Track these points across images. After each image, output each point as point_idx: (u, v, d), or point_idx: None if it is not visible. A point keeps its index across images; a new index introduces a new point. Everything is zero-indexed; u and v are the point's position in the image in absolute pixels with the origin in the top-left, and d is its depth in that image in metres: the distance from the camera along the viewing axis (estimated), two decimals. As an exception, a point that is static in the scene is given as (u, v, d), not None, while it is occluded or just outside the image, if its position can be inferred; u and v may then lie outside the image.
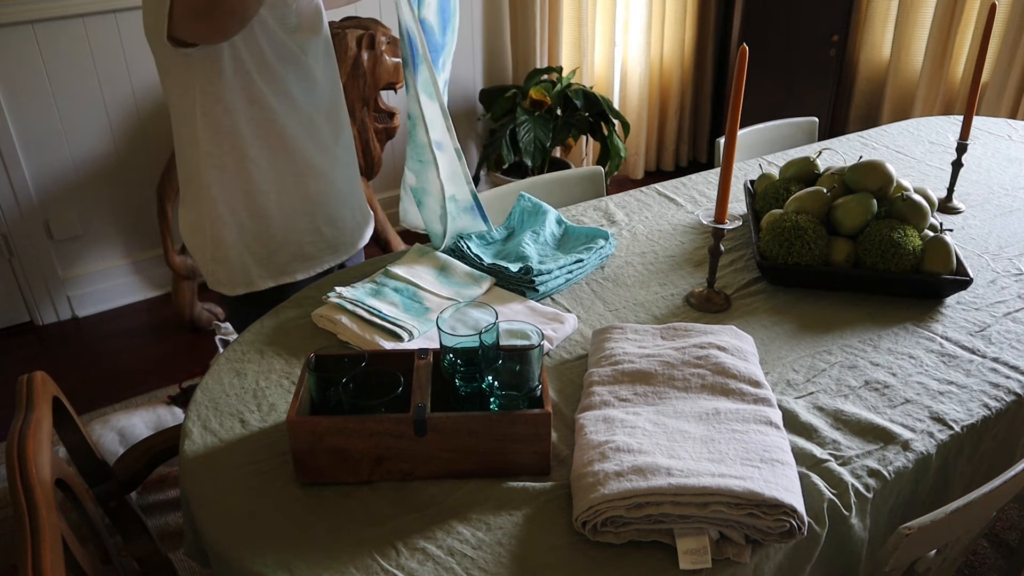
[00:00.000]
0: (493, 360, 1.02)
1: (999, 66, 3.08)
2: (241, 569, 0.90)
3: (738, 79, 1.20)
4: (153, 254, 2.94)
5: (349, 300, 1.31)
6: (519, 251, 1.47)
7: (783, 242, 1.40)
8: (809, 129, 2.30)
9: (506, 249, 1.52)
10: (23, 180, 2.60)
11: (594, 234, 1.53)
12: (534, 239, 1.51)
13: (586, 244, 1.50)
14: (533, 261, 1.43)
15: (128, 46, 2.62)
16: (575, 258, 1.44)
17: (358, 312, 1.28)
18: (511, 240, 1.56)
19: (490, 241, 1.55)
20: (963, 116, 1.64)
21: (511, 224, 1.60)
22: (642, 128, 3.80)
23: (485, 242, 1.54)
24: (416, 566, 0.89)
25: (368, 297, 1.32)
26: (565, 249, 1.52)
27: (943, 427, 1.11)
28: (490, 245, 1.54)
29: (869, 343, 1.28)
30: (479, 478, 1.00)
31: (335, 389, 1.01)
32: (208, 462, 1.04)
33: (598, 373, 1.14)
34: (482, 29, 3.37)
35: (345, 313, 1.29)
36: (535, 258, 1.45)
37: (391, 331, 1.25)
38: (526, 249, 1.47)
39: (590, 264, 1.47)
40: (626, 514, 0.89)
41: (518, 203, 1.62)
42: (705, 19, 3.78)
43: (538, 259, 1.45)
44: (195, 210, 1.44)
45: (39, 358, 2.64)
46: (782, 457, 0.96)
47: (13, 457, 0.91)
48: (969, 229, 1.64)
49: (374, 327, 1.26)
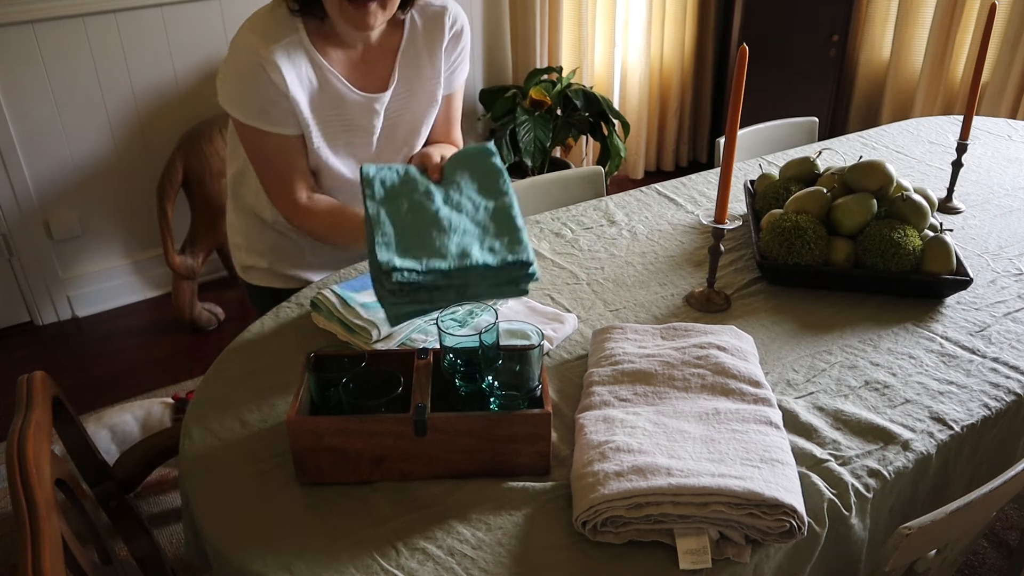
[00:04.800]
0: (493, 360, 1.02)
1: (999, 66, 3.08)
2: (241, 569, 0.90)
3: (738, 79, 1.20)
4: (153, 254, 2.94)
5: (325, 299, 1.29)
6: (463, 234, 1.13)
7: (783, 242, 1.40)
8: (809, 129, 2.30)
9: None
10: (23, 180, 2.60)
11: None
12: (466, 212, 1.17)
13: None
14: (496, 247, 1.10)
15: (128, 46, 2.62)
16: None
17: (332, 310, 1.27)
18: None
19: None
20: (963, 116, 1.64)
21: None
22: (642, 128, 3.80)
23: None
24: (416, 566, 0.89)
25: (349, 291, 1.30)
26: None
27: (943, 427, 1.11)
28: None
29: (869, 343, 1.28)
30: (479, 478, 1.00)
31: (335, 389, 1.01)
32: (208, 462, 1.04)
33: (598, 373, 1.14)
34: (482, 29, 3.37)
35: (323, 313, 1.28)
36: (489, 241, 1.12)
37: (356, 330, 1.23)
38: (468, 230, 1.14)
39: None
40: (626, 514, 0.89)
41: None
42: (705, 19, 3.78)
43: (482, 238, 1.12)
44: (234, 215, 1.57)
45: (39, 358, 2.64)
46: (782, 457, 0.96)
47: (13, 457, 0.90)
48: (969, 229, 1.64)
49: (344, 327, 1.25)
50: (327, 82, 1.30)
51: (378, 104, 1.37)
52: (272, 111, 1.28)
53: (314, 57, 1.28)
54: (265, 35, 1.24)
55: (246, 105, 1.28)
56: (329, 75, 1.30)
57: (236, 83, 1.27)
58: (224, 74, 1.29)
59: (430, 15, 1.37)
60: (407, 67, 1.38)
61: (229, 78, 1.28)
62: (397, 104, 1.40)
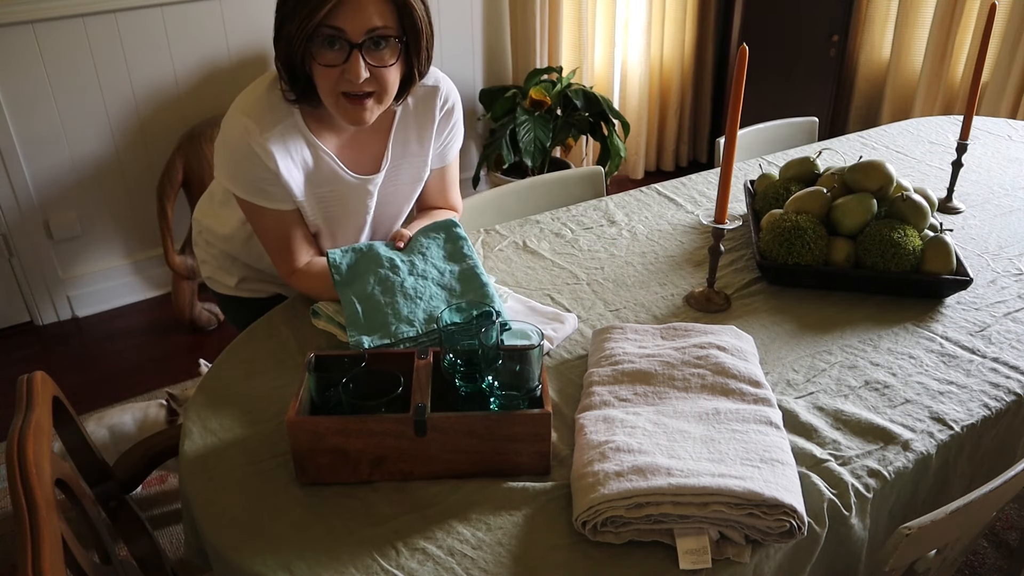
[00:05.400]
0: (493, 360, 1.02)
1: (999, 66, 3.08)
2: (241, 569, 0.90)
3: (738, 79, 1.20)
4: (153, 254, 2.94)
5: (324, 307, 1.30)
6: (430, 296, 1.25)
7: (783, 242, 1.40)
8: (809, 129, 2.30)
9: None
10: (23, 180, 2.60)
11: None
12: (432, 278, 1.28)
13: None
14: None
15: (128, 46, 2.62)
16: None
17: (332, 316, 1.28)
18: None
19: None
20: (963, 116, 1.64)
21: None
22: (642, 128, 3.80)
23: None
24: (416, 566, 0.89)
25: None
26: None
27: (943, 427, 1.11)
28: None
29: (869, 343, 1.28)
30: (479, 478, 1.00)
31: (335, 389, 1.01)
32: (208, 462, 1.04)
33: (598, 373, 1.14)
34: (482, 29, 3.37)
35: (323, 319, 1.29)
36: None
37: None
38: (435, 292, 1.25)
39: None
40: (626, 514, 0.89)
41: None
42: (705, 19, 3.78)
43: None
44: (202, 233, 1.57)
45: (39, 358, 2.64)
46: (782, 457, 0.96)
47: (13, 457, 0.90)
48: (969, 229, 1.64)
49: (343, 328, 1.25)
50: (322, 162, 1.31)
51: (371, 185, 1.38)
52: (268, 189, 1.28)
53: (309, 139, 1.29)
54: (260, 120, 1.24)
55: (241, 183, 1.28)
56: (324, 156, 1.31)
57: (230, 162, 1.28)
58: (218, 150, 1.29)
59: (421, 95, 1.37)
60: (398, 146, 1.39)
61: (223, 156, 1.29)
62: (388, 183, 1.41)
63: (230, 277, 1.53)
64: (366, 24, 1.15)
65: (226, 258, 1.52)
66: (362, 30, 1.15)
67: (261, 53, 2.86)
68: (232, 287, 1.54)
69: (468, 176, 3.40)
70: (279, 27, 1.19)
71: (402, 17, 1.19)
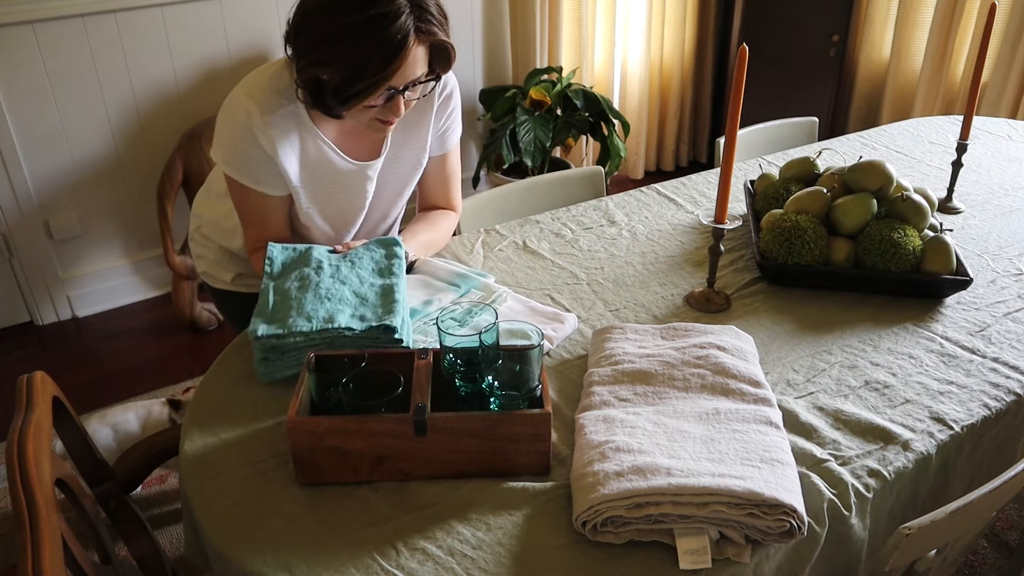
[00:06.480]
0: (493, 360, 1.02)
1: (999, 66, 3.08)
2: (241, 569, 0.90)
3: (738, 79, 1.20)
4: (153, 254, 2.94)
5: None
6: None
7: (783, 242, 1.40)
8: (809, 129, 2.30)
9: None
10: (23, 180, 2.60)
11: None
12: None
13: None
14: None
15: (128, 46, 2.62)
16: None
17: None
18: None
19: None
20: (963, 116, 1.64)
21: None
22: (642, 128, 3.80)
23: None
24: (416, 566, 0.89)
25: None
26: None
27: (943, 427, 1.11)
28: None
29: (869, 343, 1.28)
30: (479, 478, 1.00)
31: (335, 389, 1.01)
32: (208, 462, 1.04)
33: (598, 373, 1.14)
34: (482, 29, 3.37)
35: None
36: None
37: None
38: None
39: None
40: (626, 514, 0.89)
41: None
42: (705, 19, 3.78)
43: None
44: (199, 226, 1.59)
45: (39, 358, 2.64)
46: (782, 457, 0.96)
47: (13, 457, 0.90)
48: (969, 229, 1.64)
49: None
50: (320, 151, 1.34)
51: (371, 171, 1.41)
52: (259, 172, 1.31)
53: (309, 127, 1.32)
54: (262, 104, 1.27)
55: (234, 163, 1.31)
56: (323, 144, 1.34)
57: (228, 140, 1.31)
58: (219, 127, 1.32)
59: None
60: (398, 132, 1.42)
61: (223, 133, 1.31)
62: (386, 169, 1.45)
63: (226, 272, 1.55)
64: (412, 77, 1.23)
65: (223, 253, 1.54)
66: (407, 80, 1.23)
67: (261, 53, 2.86)
68: (228, 282, 1.56)
69: (468, 176, 3.40)
70: (315, 63, 1.19)
71: (439, 57, 1.27)
